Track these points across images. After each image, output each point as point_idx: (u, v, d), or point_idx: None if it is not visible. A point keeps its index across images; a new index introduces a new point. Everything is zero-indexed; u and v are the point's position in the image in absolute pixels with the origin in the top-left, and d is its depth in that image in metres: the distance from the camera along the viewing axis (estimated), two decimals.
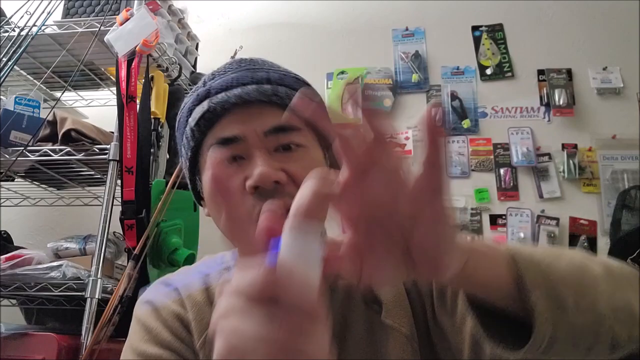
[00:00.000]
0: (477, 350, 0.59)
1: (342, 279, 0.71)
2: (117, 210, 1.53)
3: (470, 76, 2.14)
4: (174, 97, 1.74)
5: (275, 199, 0.62)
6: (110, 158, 1.54)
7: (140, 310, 0.73)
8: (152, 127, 1.63)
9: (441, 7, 2.25)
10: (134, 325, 0.72)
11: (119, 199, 1.53)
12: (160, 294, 0.74)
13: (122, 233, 1.53)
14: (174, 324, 0.68)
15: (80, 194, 1.95)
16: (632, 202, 1.84)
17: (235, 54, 1.86)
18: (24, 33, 1.62)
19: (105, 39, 1.60)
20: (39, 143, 1.65)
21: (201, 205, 0.73)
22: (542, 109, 2.06)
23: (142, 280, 1.46)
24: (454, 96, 2.11)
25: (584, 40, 2.12)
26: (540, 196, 1.94)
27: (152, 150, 1.62)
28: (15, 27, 1.68)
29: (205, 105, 0.64)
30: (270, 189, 0.61)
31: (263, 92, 0.64)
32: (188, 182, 0.73)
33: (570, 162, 1.94)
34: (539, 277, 0.45)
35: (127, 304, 1.37)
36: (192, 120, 0.66)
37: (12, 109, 1.63)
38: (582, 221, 1.90)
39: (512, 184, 1.98)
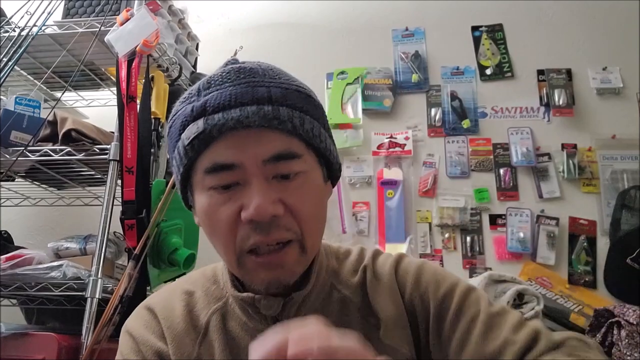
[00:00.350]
0: None
1: (336, 290, 0.71)
2: (118, 210, 1.53)
3: (470, 76, 2.14)
4: (174, 97, 1.74)
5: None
6: (111, 158, 1.54)
7: (123, 340, 0.73)
8: (152, 127, 1.63)
9: (441, 7, 2.25)
10: (118, 354, 0.72)
11: (119, 199, 1.53)
12: (141, 324, 0.72)
13: (122, 233, 1.53)
14: None
15: (80, 194, 1.95)
16: (631, 202, 1.84)
17: (236, 54, 1.86)
18: (24, 33, 1.62)
19: (105, 39, 1.60)
20: (39, 143, 1.65)
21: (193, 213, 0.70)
22: (542, 109, 2.07)
23: (142, 280, 1.47)
24: (453, 96, 2.12)
25: (584, 40, 2.12)
26: (540, 196, 1.94)
27: (152, 150, 1.62)
28: (15, 27, 1.68)
29: (200, 124, 0.59)
30: (266, 222, 0.58)
31: (264, 115, 0.58)
32: (179, 192, 0.69)
33: (570, 162, 1.94)
34: None
35: (128, 303, 1.37)
36: (185, 138, 0.61)
37: (13, 109, 1.63)
38: (581, 221, 1.90)
39: (511, 184, 1.98)
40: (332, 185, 0.72)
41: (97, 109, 2.14)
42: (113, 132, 1.62)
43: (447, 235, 1.95)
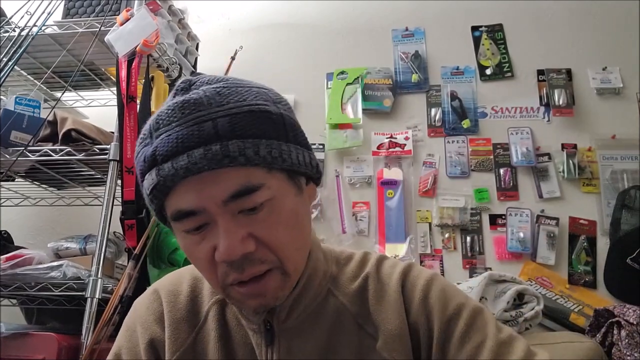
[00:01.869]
0: None
1: (333, 296, 0.70)
2: (118, 210, 1.53)
3: (470, 76, 2.14)
4: None
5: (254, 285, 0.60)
6: (111, 158, 1.54)
7: (127, 319, 0.77)
8: None
9: (441, 7, 2.25)
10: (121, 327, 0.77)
11: (119, 199, 1.53)
12: (145, 304, 0.75)
13: (122, 233, 1.54)
14: (146, 350, 0.71)
15: (80, 194, 1.95)
16: (631, 202, 1.84)
17: (236, 54, 1.86)
18: (24, 33, 1.62)
19: (105, 39, 1.60)
20: (39, 143, 1.65)
21: None
22: (542, 109, 2.07)
23: (142, 280, 1.47)
24: (453, 96, 2.12)
25: (584, 40, 2.12)
26: (540, 196, 1.94)
27: None
28: (15, 27, 1.68)
29: (154, 176, 0.58)
30: (239, 260, 0.58)
31: (212, 157, 0.55)
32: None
33: (570, 162, 1.94)
34: None
35: (127, 303, 1.37)
36: (146, 188, 0.60)
37: (13, 109, 1.63)
38: (581, 221, 1.90)
39: (511, 184, 1.98)
40: (316, 184, 0.71)
41: (97, 109, 2.14)
42: (113, 132, 1.62)
43: (447, 235, 1.95)
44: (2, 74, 1.52)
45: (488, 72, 2.14)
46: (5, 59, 1.57)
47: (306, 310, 0.68)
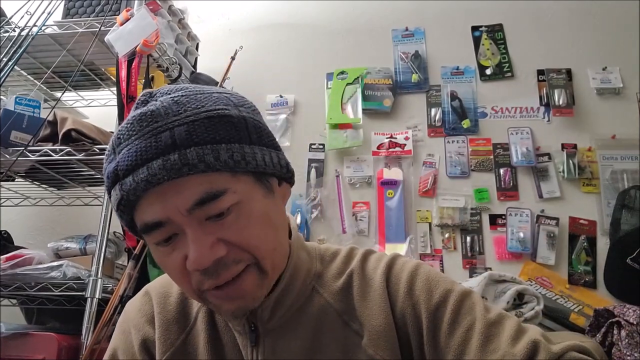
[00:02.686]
0: None
1: (318, 294, 0.70)
2: None
3: (470, 76, 2.14)
4: None
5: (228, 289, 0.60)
6: None
7: (120, 319, 0.79)
8: None
9: (441, 7, 2.25)
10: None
11: None
12: (137, 306, 0.77)
13: (122, 233, 1.54)
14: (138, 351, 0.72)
15: (80, 194, 1.95)
16: (631, 202, 1.84)
17: (236, 54, 1.86)
18: (24, 33, 1.62)
19: (105, 39, 1.60)
20: (39, 143, 1.65)
21: None
22: (542, 109, 2.06)
23: (142, 280, 1.46)
24: (453, 96, 2.11)
25: (584, 40, 2.12)
26: (540, 196, 1.94)
27: None
28: (15, 27, 1.68)
29: (118, 192, 0.58)
30: (212, 267, 0.58)
31: (171, 167, 0.55)
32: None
33: (570, 162, 1.94)
34: None
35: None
36: (113, 205, 0.61)
37: (13, 109, 1.63)
38: (581, 221, 1.90)
39: (511, 184, 1.98)
40: (289, 183, 0.70)
41: (97, 109, 2.14)
42: (113, 132, 1.61)
43: (447, 235, 1.95)
44: (2, 74, 1.52)
45: (488, 72, 2.14)
46: (5, 59, 1.57)
47: (290, 309, 0.68)
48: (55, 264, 1.51)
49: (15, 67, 1.68)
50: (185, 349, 0.71)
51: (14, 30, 1.68)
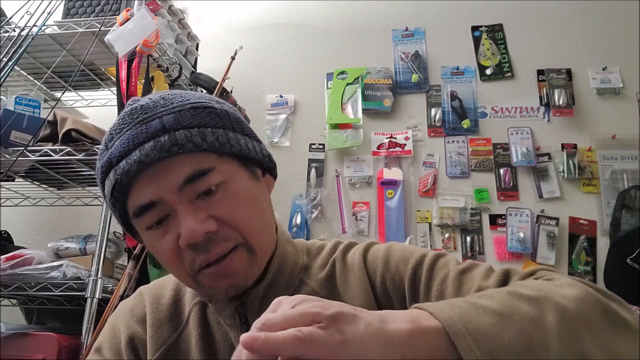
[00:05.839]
0: None
1: (305, 285, 0.72)
2: None
3: (470, 76, 2.14)
4: None
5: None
6: None
7: (111, 317, 0.79)
8: None
9: (441, 7, 2.25)
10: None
11: None
12: (129, 305, 0.78)
13: (122, 233, 1.54)
14: (126, 348, 0.73)
15: (80, 193, 1.95)
16: (631, 202, 1.84)
17: (235, 54, 1.86)
18: (24, 33, 1.62)
19: (105, 39, 1.60)
20: (39, 143, 1.65)
21: None
22: (542, 109, 2.07)
23: (142, 280, 1.47)
24: (453, 96, 2.12)
25: (584, 40, 2.12)
26: (540, 196, 1.94)
27: None
28: (15, 27, 1.68)
29: (112, 177, 0.61)
30: (203, 241, 0.60)
31: (161, 147, 0.59)
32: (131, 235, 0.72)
33: (570, 162, 1.94)
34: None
35: None
36: (107, 193, 0.64)
37: (13, 109, 1.63)
38: (581, 221, 1.90)
39: (511, 184, 1.98)
40: (274, 177, 0.74)
41: (97, 109, 2.14)
42: None
43: (447, 235, 1.95)
44: (2, 74, 1.52)
45: (488, 72, 2.14)
46: (5, 59, 1.57)
47: None
48: (55, 264, 1.51)
49: (15, 67, 1.68)
50: (177, 347, 0.72)
51: (14, 30, 1.68)
